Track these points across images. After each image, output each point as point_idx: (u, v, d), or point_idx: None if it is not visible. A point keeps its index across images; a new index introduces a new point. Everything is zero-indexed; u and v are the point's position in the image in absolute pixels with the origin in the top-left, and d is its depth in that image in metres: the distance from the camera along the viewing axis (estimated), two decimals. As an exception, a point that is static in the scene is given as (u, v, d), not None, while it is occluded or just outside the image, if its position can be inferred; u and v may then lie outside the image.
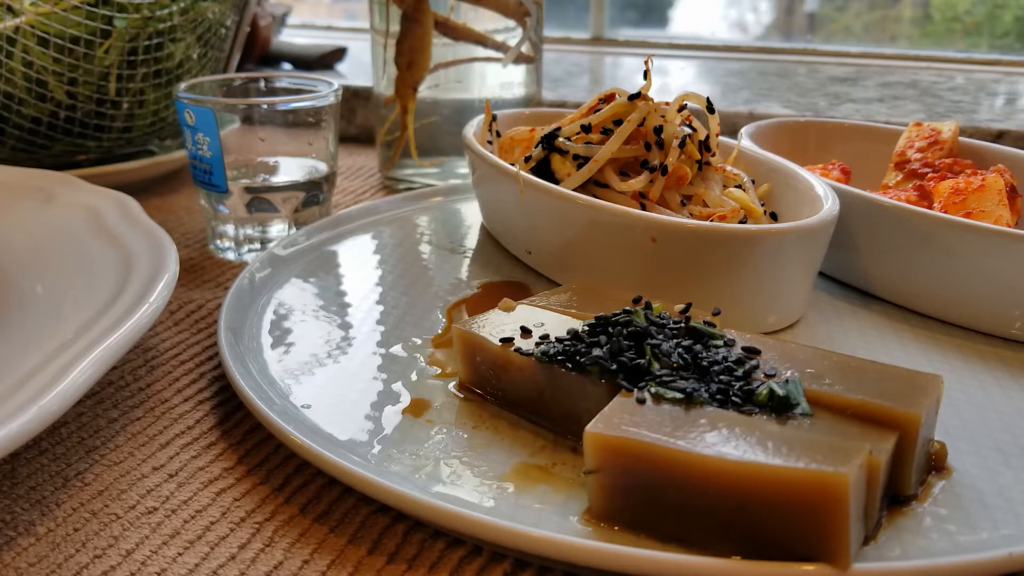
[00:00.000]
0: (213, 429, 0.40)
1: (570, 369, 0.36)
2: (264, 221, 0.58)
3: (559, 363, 0.36)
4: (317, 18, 1.51)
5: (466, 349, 0.40)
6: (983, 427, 0.39)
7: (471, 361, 0.40)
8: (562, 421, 0.37)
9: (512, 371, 0.38)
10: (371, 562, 0.32)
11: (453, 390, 0.41)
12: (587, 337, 0.37)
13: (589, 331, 0.37)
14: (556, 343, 0.37)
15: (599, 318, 0.38)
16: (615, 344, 0.36)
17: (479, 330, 0.39)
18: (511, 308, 0.42)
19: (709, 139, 0.53)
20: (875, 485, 0.30)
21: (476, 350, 0.39)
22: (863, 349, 0.46)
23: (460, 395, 0.40)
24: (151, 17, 0.65)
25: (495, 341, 0.38)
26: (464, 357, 0.40)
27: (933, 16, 1.25)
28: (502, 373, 0.38)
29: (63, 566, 0.31)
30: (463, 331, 0.40)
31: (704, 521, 0.30)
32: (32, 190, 0.55)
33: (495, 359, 0.38)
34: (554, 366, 0.36)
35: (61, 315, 0.41)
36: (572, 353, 0.36)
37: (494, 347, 0.38)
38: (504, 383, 0.39)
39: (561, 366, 0.36)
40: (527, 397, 0.38)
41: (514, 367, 0.38)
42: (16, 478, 0.36)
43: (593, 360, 0.35)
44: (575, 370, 0.36)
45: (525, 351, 0.37)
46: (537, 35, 0.71)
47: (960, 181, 0.53)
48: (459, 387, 0.41)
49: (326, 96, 0.58)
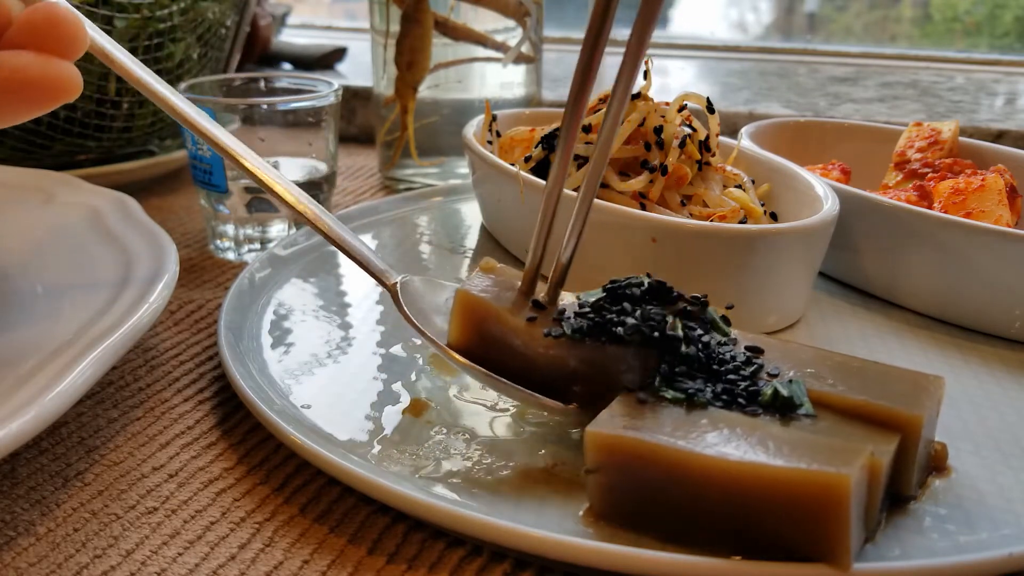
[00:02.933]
0: (213, 429, 0.40)
1: (607, 342, 0.35)
2: (264, 221, 0.58)
3: (595, 338, 0.35)
4: (317, 18, 1.50)
5: (472, 317, 0.38)
6: (983, 427, 0.39)
7: (476, 330, 0.38)
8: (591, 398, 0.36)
9: (535, 349, 0.36)
10: (371, 562, 0.32)
11: (453, 392, 0.41)
12: (610, 306, 0.36)
13: (609, 300, 0.36)
14: (581, 319, 0.36)
15: (609, 289, 0.37)
16: (645, 311, 0.35)
17: (494, 302, 0.38)
18: (493, 268, 0.40)
19: (709, 139, 0.53)
20: (876, 486, 0.30)
21: (487, 321, 0.38)
22: (863, 349, 0.46)
23: (460, 398, 0.40)
24: (151, 17, 0.65)
25: (518, 318, 0.37)
26: (467, 324, 0.38)
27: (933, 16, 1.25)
28: (518, 349, 0.37)
29: (63, 566, 0.31)
30: (473, 298, 0.38)
31: (705, 521, 0.30)
32: (32, 190, 0.55)
33: (514, 334, 0.37)
34: (586, 342, 0.35)
35: (61, 315, 0.41)
36: (604, 325, 0.35)
37: (514, 322, 0.37)
38: (516, 358, 0.37)
39: (596, 341, 0.35)
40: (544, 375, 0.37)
41: (538, 344, 0.36)
42: (16, 478, 0.36)
43: (633, 329, 0.34)
44: (613, 342, 0.35)
45: (555, 333, 0.36)
46: (537, 35, 0.71)
47: (960, 181, 0.53)
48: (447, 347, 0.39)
49: (326, 96, 0.58)
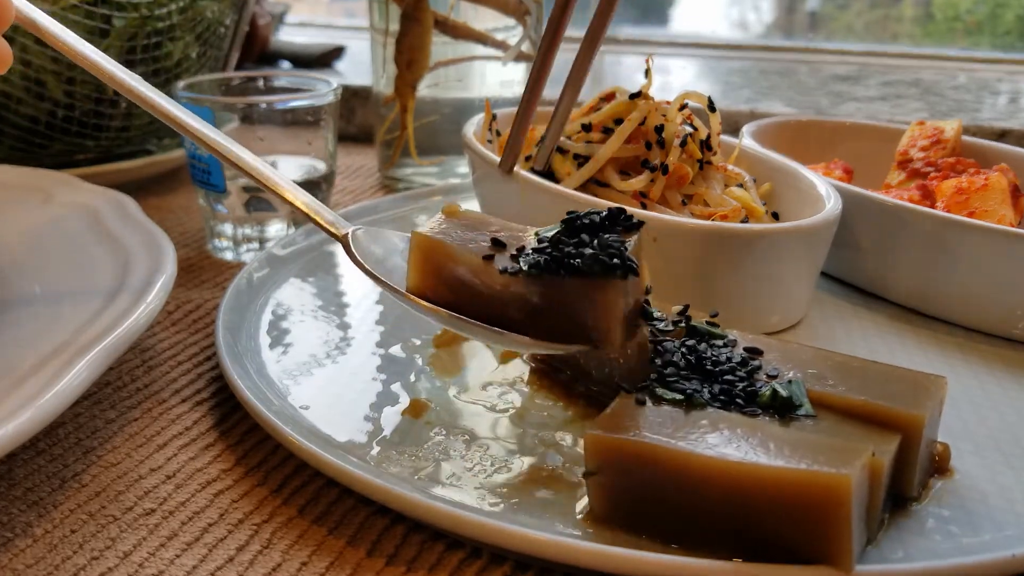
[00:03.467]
0: (211, 430, 0.40)
1: (565, 276, 0.34)
2: (262, 220, 0.58)
3: (553, 272, 0.34)
4: (316, 17, 1.50)
5: (430, 259, 0.37)
6: (985, 428, 0.39)
7: (435, 273, 0.37)
8: (560, 335, 0.35)
9: (494, 287, 0.35)
10: (370, 564, 0.31)
11: (453, 393, 0.41)
12: (568, 239, 0.35)
13: (567, 232, 0.35)
14: (537, 253, 0.35)
15: (566, 221, 0.36)
16: (602, 240, 0.34)
17: (450, 242, 0.37)
18: (455, 212, 0.39)
19: (710, 138, 0.52)
20: (878, 486, 0.30)
21: (445, 262, 0.37)
22: (865, 349, 0.46)
23: (460, 399, 0.40)
24: (150, 16, 0.65)
25: (474, 256, 0.36)
26: (425, 267, 0.37)
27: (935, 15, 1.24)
28: (478, 288, 0.36)
29: (60, 568, 0.31)
30: (429, 239, 0.37)
31: (705, 523, 0.30)
32: (30, 189, 0.55)
33: (472, 274, 0.36)
34: (544, 277, 0.34)
35: (59, 315, 0.41)
36: (561, 259, 0.34)
37: (471, 261, 0.36)
38: (476, 298, 0.36)
39: (555, 275, 0.34)
40: (504, 314, 0.36)
41: (496, 282, 0.35)
42: (13, 479, 0.36)
43: (591, 259, 0.33)
44: (572, 275, 0.34)
45: (512, 270, 0.35)
46: (537, 33, 0.70)
47: (963, 180, 0.53)
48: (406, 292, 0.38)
49: (325, 95, 0.57)
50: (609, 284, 0.34)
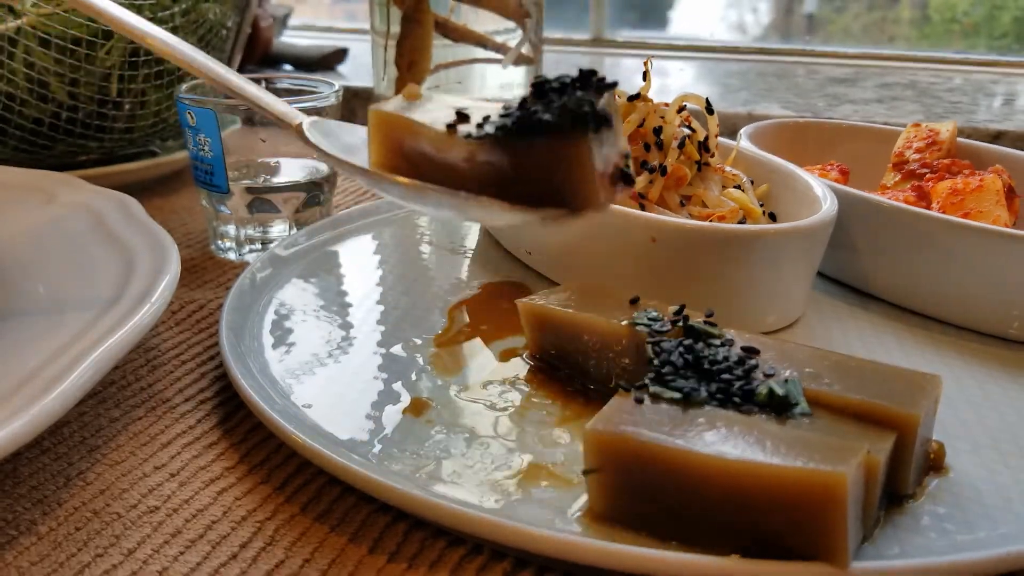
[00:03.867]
0: (214, 428, 0.40)
1: (535, 134, 0.31)
2: (265, 221, 0.58)
3: (521, 131, 0.31)
4: (318, 19, 1.51)
5: (391, 135, 0.35)
6: (981, 426, 0.39)
7: (397, 150, 0.35)
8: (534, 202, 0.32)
9: (459, 158, 0.33)
10: (372, 561, 0.32)
11: (454, 392, 0.41)
12: (534, 101, 0.32)
13: (535, 95, 0.32)
14: (503, 118, 0.32)
15: (535, 84, 0.32)
16: (573, 97, 0.31)
17: (408, 114, 0.34)
18: (416, 94, 0.36)
19: (708, 140, 0.53)
20: (873, 484, 0.30)
21: (406, 136, 0.34)
22: (861, 349, 0.46)
23: (460, 397, 0.40)
24: (152, 18, 0.65)
25: (437, 126, 0.33)
26: (386, 144, 0.35)
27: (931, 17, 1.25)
28: (443, 161, 0.33)
29: (65, 565, 0.31)
30: (389, 114, 0.35)
31: (703, 520, 0.30)
32: (34, 191, 0.55)
33: (435, 145, 0.33)
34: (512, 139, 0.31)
35: (63, 315, 0.41)
36: (529, 117, 0.31)
37: (432, 131, 0.33)
38: (442, 172, 0.34)
39: (523, 135, 0.31)
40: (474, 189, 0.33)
41: (462, 151, 0.33)
42: (18, 477, 0.36)
43: (561, 109, 0.30)
44: (541, 132, 0.30)
45: (477, 134, 0.32)
46: (537, 36, 0.71)
47: (958, 182, 0.53)
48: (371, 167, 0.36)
49: (327, 97, 0.58)
50: (581, 137, 0.30)
